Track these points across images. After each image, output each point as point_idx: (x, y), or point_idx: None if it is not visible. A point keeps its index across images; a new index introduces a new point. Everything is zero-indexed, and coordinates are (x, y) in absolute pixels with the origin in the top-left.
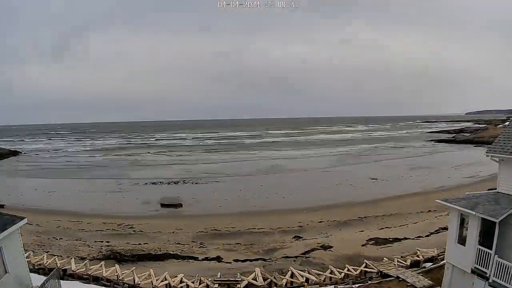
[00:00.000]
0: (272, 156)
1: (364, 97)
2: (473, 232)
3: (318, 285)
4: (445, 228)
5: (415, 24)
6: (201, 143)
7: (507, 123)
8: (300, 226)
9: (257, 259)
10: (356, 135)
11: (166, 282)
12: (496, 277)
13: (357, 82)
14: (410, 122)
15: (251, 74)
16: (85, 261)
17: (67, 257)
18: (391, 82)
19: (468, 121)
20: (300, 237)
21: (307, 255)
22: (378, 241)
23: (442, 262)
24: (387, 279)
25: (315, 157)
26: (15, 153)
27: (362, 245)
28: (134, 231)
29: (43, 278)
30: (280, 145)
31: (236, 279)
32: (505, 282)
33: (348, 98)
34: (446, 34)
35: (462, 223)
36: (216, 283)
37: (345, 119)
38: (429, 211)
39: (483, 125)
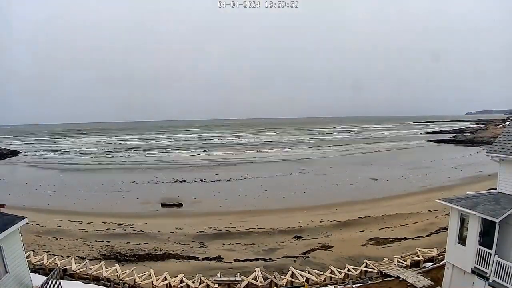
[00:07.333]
0: None
1: (361, 97)
2: (473, 232)
3: (318, 285)
4: (445, 228)
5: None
6: None
7: (507, 123)
8: (300, 226)
9: (257, 259)
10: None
11: (166, 282)
12: (496, 277)
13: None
14: (410, 122)
15: None
16: (85, 261)
17: (67, 257)
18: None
19: (468, 121)
20: (300, 237)
21: (307, 255)
22: (378, 241)
23: (442, 262)
24: (388, 279)
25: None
26: (15, 153)
27: (362, 245)
28: (134, 231)
29: (43, 278)
30: None
31: (236, 279)
32: (505, 282)
33: (344, 98)
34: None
35: (462, 223)
36: (217, 283)
37: (344, 119)
38: (429, 211)
39: (483, 125)
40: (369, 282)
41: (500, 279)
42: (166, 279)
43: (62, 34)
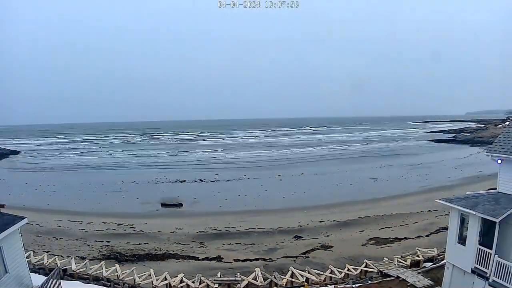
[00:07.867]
0: None
1: (360, 97)
2: (473, 232)
3: (318, 285)
4: (445, 228)
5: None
6: None
7: (507, 123)
8: (300, 226)
9: (257, 259)
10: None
11: (166, 282)
12: (496, 277)
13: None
14: (410, 122)
15: None
16: (85, 261)
17: (67, 257)
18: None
19: (468, 121)
20: (300, 237)
21: (307, 255)
22: (378, 241)
23: (442, 262)
24: (388, 279)
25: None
26: (15, 152)
27: (362, 245)
28: (134, 230)
29: (43, 278)
30: None
31: (236, 278)
32: (505, 282)
33: (343, 98)
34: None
35: (462, 223)
36: (217, 283)
37: (346, 119)
38: (429, 211)
39: (483, 125)
40: (369, 282)
41: (500, 279)
42: (166, 279)
43: (62, 34)
